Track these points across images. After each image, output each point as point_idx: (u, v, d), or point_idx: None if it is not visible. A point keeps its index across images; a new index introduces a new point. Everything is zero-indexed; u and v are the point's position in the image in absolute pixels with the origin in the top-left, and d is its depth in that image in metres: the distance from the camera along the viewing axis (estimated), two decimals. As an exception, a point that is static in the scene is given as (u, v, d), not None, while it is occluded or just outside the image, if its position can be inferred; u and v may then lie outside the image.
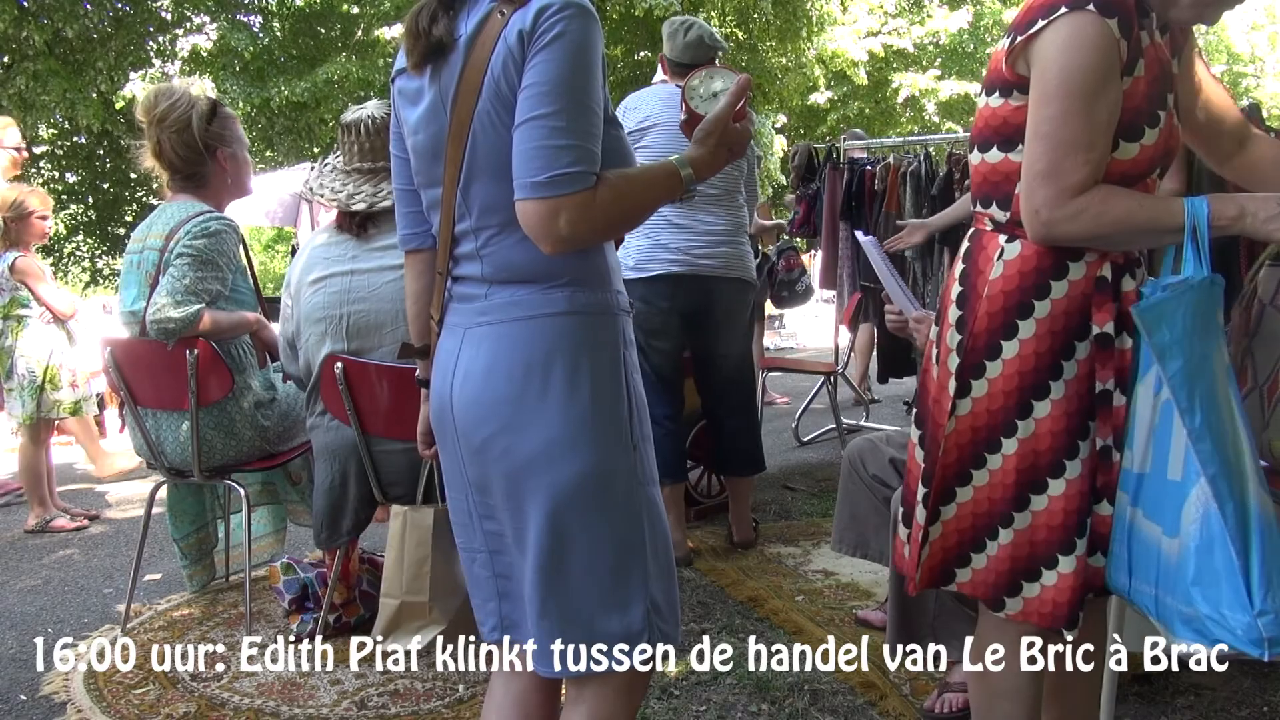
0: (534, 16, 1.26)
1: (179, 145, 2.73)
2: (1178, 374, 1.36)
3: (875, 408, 6.48)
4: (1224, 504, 1.32)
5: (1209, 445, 1.33)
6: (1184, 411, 1.35)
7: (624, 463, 1.37)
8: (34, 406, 4.13)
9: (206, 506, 3.17)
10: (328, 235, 2.65)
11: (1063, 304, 1.46)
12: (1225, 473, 1.33)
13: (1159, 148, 1.45)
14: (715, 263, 3.40)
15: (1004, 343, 1.48)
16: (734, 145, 1.40)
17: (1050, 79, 1.39)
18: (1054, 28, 1.38)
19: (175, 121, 2.71)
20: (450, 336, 1.43)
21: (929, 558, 1.58)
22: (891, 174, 5.33)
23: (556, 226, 1.25)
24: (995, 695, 1.62)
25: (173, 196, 2.83)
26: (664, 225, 3.32)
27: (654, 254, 3.32)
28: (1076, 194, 1.38)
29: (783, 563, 3.44)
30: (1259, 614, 1.29)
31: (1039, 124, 1.41)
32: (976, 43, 16.70)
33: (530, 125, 1.25)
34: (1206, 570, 1.33)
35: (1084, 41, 1.37)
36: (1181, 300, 1.36)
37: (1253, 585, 1.29)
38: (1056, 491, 1.47)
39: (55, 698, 2.50)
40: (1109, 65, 1.37)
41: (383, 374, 2.45)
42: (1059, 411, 1.46)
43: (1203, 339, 1.36)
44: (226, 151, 2.81)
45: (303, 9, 13.20)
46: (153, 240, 2.75)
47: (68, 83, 11.03)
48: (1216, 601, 1.32)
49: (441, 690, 2.48)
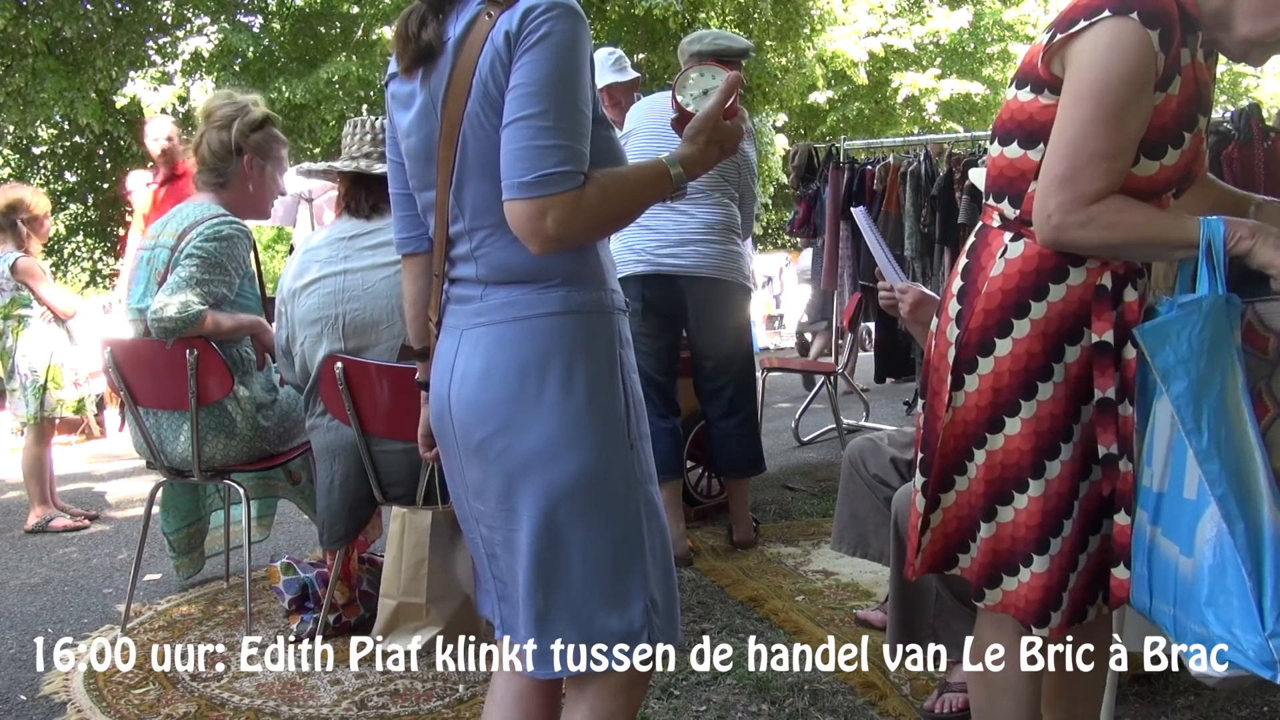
0: (520, 17, 1.27)
1: (214, 141, 2.79)
2: (1182, 395, 1.35)
3: (875, 407, 6.48)
4: (1233, 524, 1.31)
5: (1216, 465, 1.33)
6: (1190, 432, 1.35)
7: (622, 461, 1.38)
8: (37, 406, 4.14)
9: (200, 503, 3.17)
10: (320, 238, 2.66)
11: (1059, 307, 1.46)
12: (1235, 493, 1.32)
13: (1179, 170, 1.45)
14: (683, 262, 3.35)
15: (998, 340, 1.49)
16: (725, 142, 1.40)
17: (1084, 82, 1.38)
18: (1095, 30, 1.37)
19: (221, 118, 2.78)
20: (448, 338, 1.44)
21: (930, 544, 1.61)
22: (891, 174, 5.33)
23: (544, 226, 1.25)
24: (994, 693, 1.63)
25: (195, 194, 2.87)
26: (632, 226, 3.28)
27: (621, 255, 3.30)
28: (1091, 202, 1.38)
29: (783, 563, 3.44)
30: (1270, 635, 1.28)
31: (1065, 126, 1.40)
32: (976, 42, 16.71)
33: (517, 126, 1.26)
34: (1219, 591, 1.32)
35: (1123, 49, 1.35)
36: (1188, 321, 1.36)
37: (1265, 606, 1.29)
38: (1036, 492, 1.49)
39: (55, 698, 2.50)
40: (1145, 76, 1.36)
41: (383, 374, 2.45)
42: (1044, 413, 1.48)
43: (1212, 359, 1.35)
44: (255, 160, 2.83)
45: (303, 9, 13.20)
46: (165, 238, 2.76)
47: (66, 81, 11.01)
48: (1229, 622, 1.31)
49: (441, 690, 2.48)
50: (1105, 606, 1.54)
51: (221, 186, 2.83)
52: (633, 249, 3.33)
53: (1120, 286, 1.46)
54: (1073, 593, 1.51)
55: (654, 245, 3.33)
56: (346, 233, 2.60)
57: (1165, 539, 1.40)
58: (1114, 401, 1.46)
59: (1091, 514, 1.50)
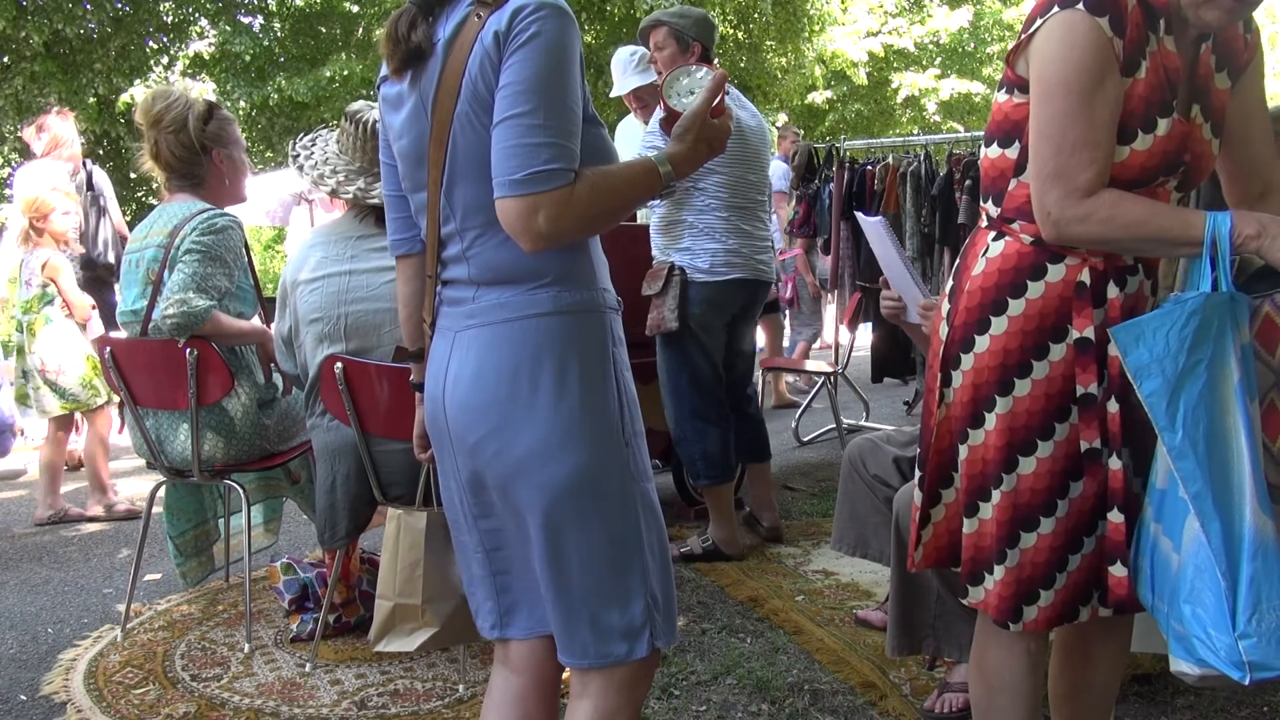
0: (509, 18, 1.27)
1: (175, 146, 2.75)
2: (1154, 393, 1.37)
3: (875, 408, 6.47)
4: (1208, 523, 1.33)
5: (1191, 463, 1.34)
6: (1163, 429, 1.36)
7: (617, 460, 1.38)
8: (59, 400, 4.17)
9: (205, 505, 3.17)
10: (328, 231, 2.65)
11: (1038, 304, 1.48)
12: (1212, 492, 1.33)
13: (1154, 156, 1.45)
14: (765, 268, 3.51)
15: (978, 337, 1.52)
16: (713, 140, 1.40)
17: (1047, 78, 1.41)
18: (1047, 26, 1.40)
19: (172, 122, 2.73)
20: (442, 340, 1.44)
21: (934, 538, 1.63)
22: (891, 174, 5.33)
23: (535, 223, 1.26)
24: (993, 691, 1.64)
25: (171, 197, 2.84)
26: (732, 231, 3.37)
27: (726, 258, 3.37)
28: (1085, 194, 1.39)
29: (783, 563, 3.44)
30: (1240, 636, 1.29)
31: (1042, 124, 1.42)
32: (977, 42, 16.70)
33: (507, 124, 1.27)
34: (1198, 588, 1.33)
35: (1076, 38, 1.38)
36: (1167, 319, 1.36)
37: (1238, 607, 1.30)
38: (1008, 487, 1.50)
39: (55, 698, 2.50)
40: (1102, 63, 1.38)
41: (383, 374, 2.44)
42: (1020, 409, 1.49)
43: (1196, 356, 1.35)
44: (223, 152, 2.83)
45: (303, 9, 13.20)
46: (154, 238, 2.75)
47: (64, 85, 11.00)
48: (1204, 621, 1.32)
49: (441, 690, 2.48)
50: (1101, 607, 1.54)
51: (197, 185, 2.82)
52: (737, 254, 3.39)
53: (1101, 283, 1.47)
54: (1062, 591, 1.51)
55: (751, 250, 3.42)
56: (354, 232, 2.60)
57: (1165, 536, 1.41)
58: (1097, 397, 1.47)
59: (1086, 514, 1.51)
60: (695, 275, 3.31)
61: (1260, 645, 1.29)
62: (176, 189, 2.83)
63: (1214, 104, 1.51)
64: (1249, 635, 1.29)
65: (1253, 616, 1.29)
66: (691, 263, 3.32)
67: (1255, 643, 1.29)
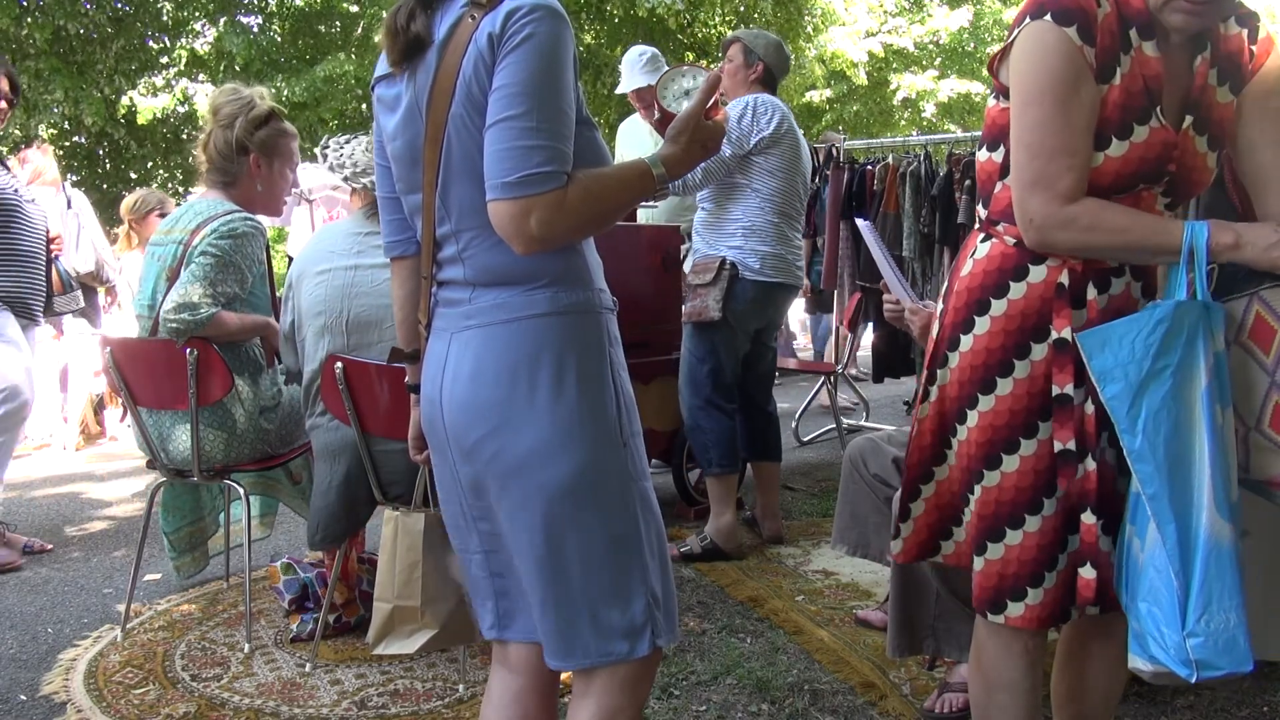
0: (503, 19, 1.27)
1: (220, 140, 2.78)
2: (1116, 397, 1.40)
3: (875, 407, 6.48)
4: (1164, 524, 1.36)
5: (1150, 466, 1.37)
6: (1123, 432, 1.40)
7: (615, 460, 1.39)
8: None
9: (202, 502, 3.17)
10: (340, 227, 2.66)
11: (1020, 304, 1.50)
12: (1169, 495, 1.36)
13: (1131, 163, 1.45)
14: (800, 274, 3.69)
15: (962, 336, 1.55)
16: (707, 142, 1.41)
17: (1021, 88, 1.45)
18: (1020, 38, 1.45)
19: (225, 117, 2.77)
20: (438, 341, 1.44)
21: (914, 533, 1.67)
22: (891, 174, 5.32)
23: (528, 226, 1.26)
24: (992, 688, 1.64)
25: (205, 192, 2.85)
26: (779, 236, 3.49)
27: (774, 262, 3.48)
28: (1066, 201, 1.42)
29: (783, 563, 3.44)
30: (1188, 635, 1.33)
31: (1020, 133, 1.45)
32: (976, 42, 16.69)
33: (500, 126, 1.27)
34: (1156, 587, 1.37)
35: (1045, 49, 1.41)
36: (1133, 326, 1.39)
37: (1189, 606, 1.34)
38: (991, 483, 1.53)
39: (55, 698, 2.50)
40: (1074, 71, 1.41)
41: (383, 374, 2.45)
42: (1002, 408, 1.51)
43: (1162, 363, 1.37)
44: (262, 159, 2.81)
45: (302, 9, 13.19)
46: (177, 234, 2.75)
47: (70, 81, 10.99)
48: (1158, 619, 1.36)
49: (441, 690, 2.48)
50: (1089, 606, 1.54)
51: (229, 185, 2.81)
52: (782, 259, 3.51)
53: (1080, 285, 1.49)
54: (1052, 590, 1.52)
55: (793, 257, 3.57)
56: (364, 228, 2.61)
57: (1136, 537, 1.44)
58: (1073, 398, 1.48)
59: (1068, 513, 1.52)
60: (746, 273, 3.42)
61: (1206, 645, 1.33)
62: (210, 184, 2.84)
63: (1212, 118, 1.50)
64: (1197, 634, 1.33)
65: (1202, 617, 1.33)
66: (743, 260, 3.42)
67: (1202, 642, 1.33)
